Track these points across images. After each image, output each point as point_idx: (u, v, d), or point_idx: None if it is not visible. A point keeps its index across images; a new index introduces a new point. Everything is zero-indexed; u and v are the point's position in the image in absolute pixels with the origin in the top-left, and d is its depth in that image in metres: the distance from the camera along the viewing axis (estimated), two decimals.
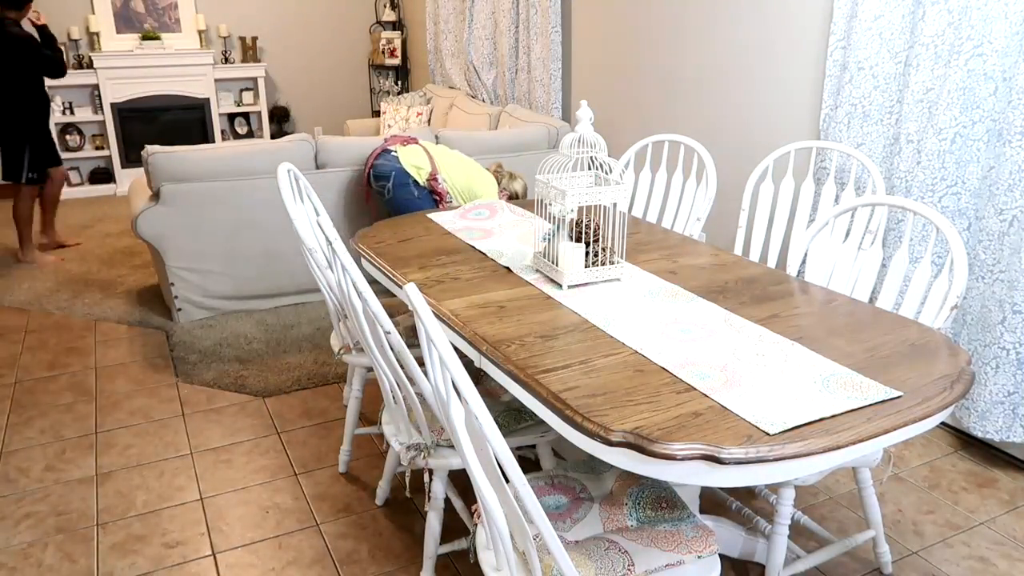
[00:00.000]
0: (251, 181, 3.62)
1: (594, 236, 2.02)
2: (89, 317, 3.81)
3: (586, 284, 2.01)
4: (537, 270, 2.10)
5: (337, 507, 2.39)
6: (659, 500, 1.62)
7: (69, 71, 5.90)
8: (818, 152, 2.98)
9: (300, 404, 2.99)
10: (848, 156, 2.87)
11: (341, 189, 3.79)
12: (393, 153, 3.52)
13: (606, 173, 2.01)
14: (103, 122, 6.12)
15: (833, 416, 1.38)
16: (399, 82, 7.09)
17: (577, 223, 2.03)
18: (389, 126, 5.81)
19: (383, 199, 3.53)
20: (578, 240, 2.02)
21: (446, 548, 2.04)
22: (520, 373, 1.53)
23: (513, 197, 3.64)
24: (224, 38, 6.57)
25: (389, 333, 1.60)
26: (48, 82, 5.83)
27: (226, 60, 6.56)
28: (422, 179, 3.43)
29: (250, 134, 6.81)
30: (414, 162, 3.48)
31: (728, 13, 3.44)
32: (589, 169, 2.03)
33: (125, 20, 6.15)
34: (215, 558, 2.17)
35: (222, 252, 3.65)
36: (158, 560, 2.17)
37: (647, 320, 1.79)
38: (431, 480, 1.92)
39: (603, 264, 2.03)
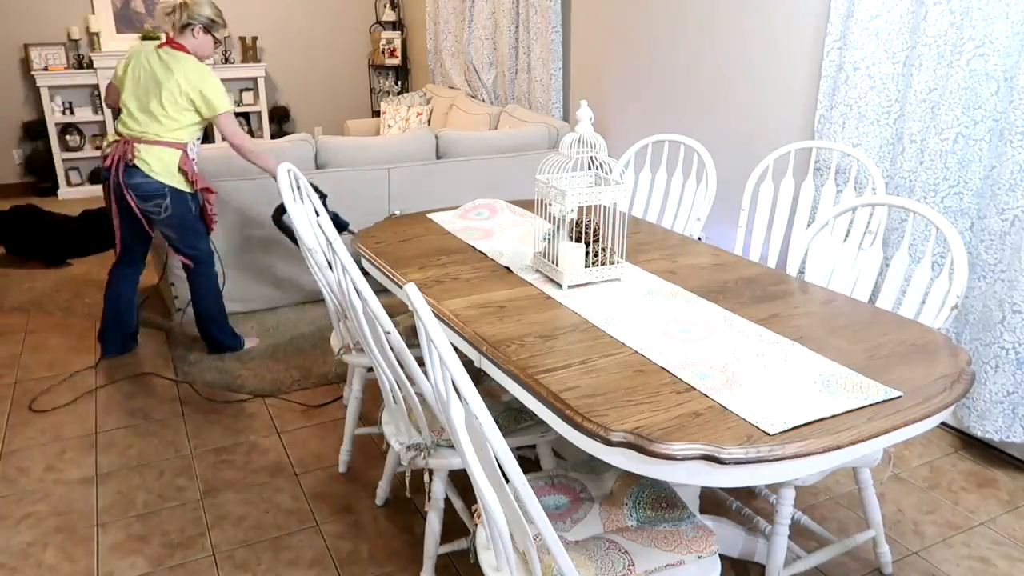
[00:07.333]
0: (251, 181, 3.62)
1: (594, 236, 2.02)
2: (89, 317, 3.80)
3: (586, 284, 2.01)
4: (537, 270, 2.10)
5: (337, 507, 2.39)
6: (659, 500, 1.62)
7: (69, 70, 5.92)
8: (818, 152, 2.98)
9: (300, 404, 2.99)
10: (848, 156, 2.87)
11: (342, 189, 3.79)
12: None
13: (606, 173, 2.01)
14: (103, 122, 6.12)
15: (833, 416, 1.38)
16: (399, 82, 7.09)
17: (577, 223, 2.03)
18: (389, 126, 5.81)
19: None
20: (578, 240, 2.02)
21: (446, 548, 2.04)
22: (520, 373, 1.53)
23: None
24: (224, 38, 6.56)
25: (389, 333, 1.60)
26: (49, 82, 5.85)
27: (226, 60, 6.56)
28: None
29: (250, 134, 6.81)
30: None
31: (727, 13, 3.44)
32: (589, 169, 2.03)
33: (125, 20, 6.15)
34: (215, 558, 2.17)
35: (222, 252, 3.65)
36: (158, 560, 2.17)
37: (647, 320, 1.79)
38: (431, 480, 1.92)
39: (603, 264, 2.03)
